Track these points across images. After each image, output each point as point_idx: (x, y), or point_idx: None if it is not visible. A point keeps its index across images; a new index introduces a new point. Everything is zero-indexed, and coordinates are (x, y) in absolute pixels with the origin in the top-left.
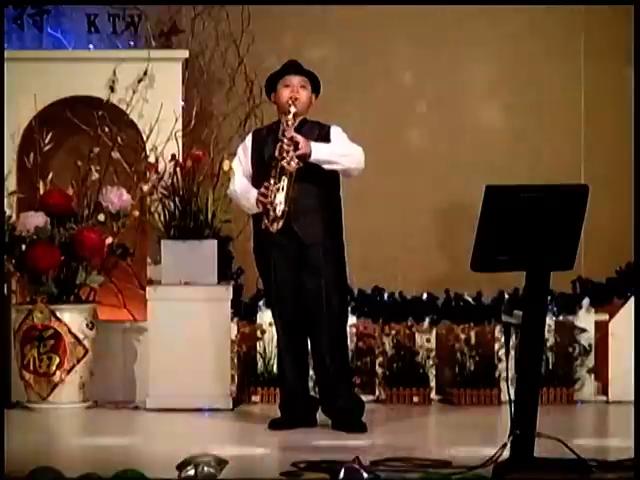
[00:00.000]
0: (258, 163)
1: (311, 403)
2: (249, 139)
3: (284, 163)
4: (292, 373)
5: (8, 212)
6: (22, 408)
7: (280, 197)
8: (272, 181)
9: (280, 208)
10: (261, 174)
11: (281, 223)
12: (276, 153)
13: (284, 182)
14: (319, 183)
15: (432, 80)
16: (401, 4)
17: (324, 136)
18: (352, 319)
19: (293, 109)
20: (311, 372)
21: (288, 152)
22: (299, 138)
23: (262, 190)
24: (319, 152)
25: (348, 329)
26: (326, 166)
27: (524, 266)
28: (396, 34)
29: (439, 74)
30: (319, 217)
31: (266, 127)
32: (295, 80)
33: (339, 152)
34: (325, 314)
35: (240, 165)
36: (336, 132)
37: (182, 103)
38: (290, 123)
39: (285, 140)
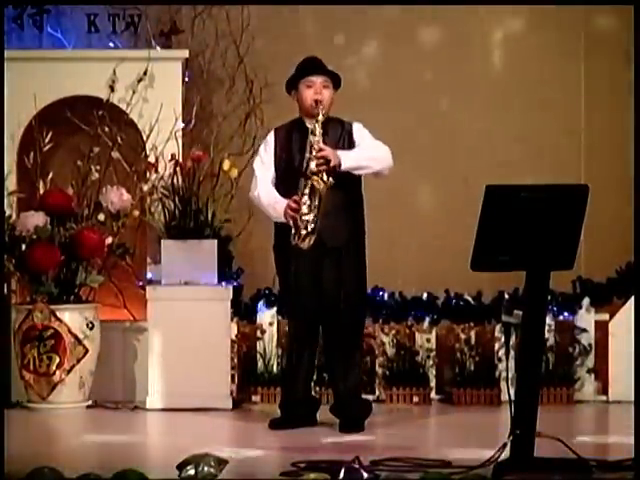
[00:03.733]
0: (281, 166)
1: (312, 403)
2: (271, 138)
3: (315, 182)
4: (300, 374)
5: (8, 212)
6: (22, 408)
7: (311, 214)
8: (303, 197)
9: (311, 226)
10: (284, 178)
11: (313, 239)
12: (307, 169)
13: (315, 199)
14: (341, 184)
15: (432, 80)
16: (400, 4)
17: (348, 135)
18: None
19: (321, 117)
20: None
21: (321, 166)
22: (327, 152)
23: (292, 204)
24: (348, 161)
25: None
26: (357, 172)
27: (524, 266)
28: (396, 34)
29: (439, 74)
30: (342, 219)
31: (286, 126)
32: (318, 80)
33: (367, 156)
34: (342, 317)
35: (263, 166)
36: (358, 129)
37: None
38: (318, 132)
39: (315, 154)
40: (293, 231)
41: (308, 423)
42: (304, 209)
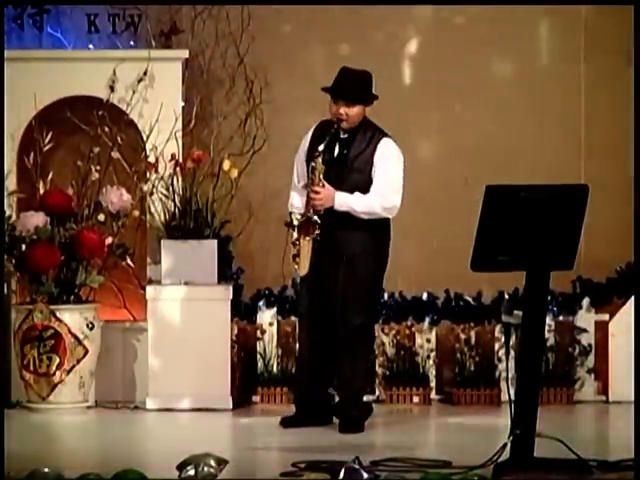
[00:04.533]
0: (309, 160)
1: (327, 402)
2: (311, 131)
3: (302, 241)
4: (303, 374)
5: (8, 212)
6: (22, 408)
7: (304, 257)
8: (297, 237)
9: (304, 264)
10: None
11: (307, 270)
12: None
13: (306, 246)
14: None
15: (433, 81)
16: (401, 4)
17: (371, 151)
18: None
19: (322, 147)
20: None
21: (314, 206)
22: (322, 195)
23: (291, 240)
24: (344, 205)
25: None
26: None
27: (524, 266)
28: (397, 35)
29: (439, 75)
30: (358, 228)
31: (329, 122)
32: (342, 102)
33: (364, 209)
34: (349, 321)
35: (298, 164)
36: (382, 152)
37: (182, 103)
38: (319, 168)
39: (312, 195)
40: (293, 261)
41: (322, 423)
42: (299, 245)
